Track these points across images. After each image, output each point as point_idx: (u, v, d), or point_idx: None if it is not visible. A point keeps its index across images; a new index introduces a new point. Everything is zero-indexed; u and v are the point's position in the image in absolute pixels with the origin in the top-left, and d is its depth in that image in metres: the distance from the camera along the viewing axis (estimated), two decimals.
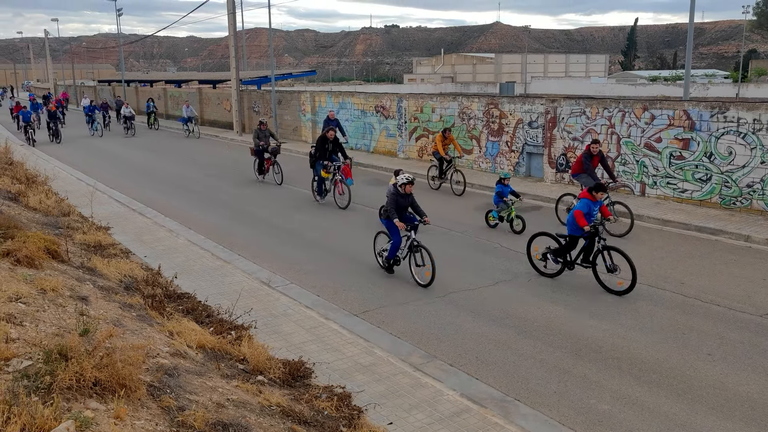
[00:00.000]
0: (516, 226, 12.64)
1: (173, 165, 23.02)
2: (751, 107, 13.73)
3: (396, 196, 9.75)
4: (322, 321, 8.20)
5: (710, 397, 6.40)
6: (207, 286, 9.32)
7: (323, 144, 15.55)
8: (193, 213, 14.96)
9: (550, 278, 9.89)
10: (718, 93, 43.28)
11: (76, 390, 3.86)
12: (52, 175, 17.51)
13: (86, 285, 7.03)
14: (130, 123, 33.04)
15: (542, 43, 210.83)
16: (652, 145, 15.35)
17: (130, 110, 33.76)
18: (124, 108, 34.09)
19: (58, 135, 29.97)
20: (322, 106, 27.44)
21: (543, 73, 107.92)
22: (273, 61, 32.04)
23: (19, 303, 5.37)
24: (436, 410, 6.04)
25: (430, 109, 21.79)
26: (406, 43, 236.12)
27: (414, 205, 9.92)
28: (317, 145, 15.61)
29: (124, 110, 33.77)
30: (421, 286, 9.54)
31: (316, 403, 5.61)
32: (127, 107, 34.20)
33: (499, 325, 8.22)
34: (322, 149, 15.53)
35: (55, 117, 30.13)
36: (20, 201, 12.42)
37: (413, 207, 9.92)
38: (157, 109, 38.69)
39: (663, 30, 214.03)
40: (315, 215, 14.73)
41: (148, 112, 36.88)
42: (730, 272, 10.14)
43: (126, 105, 35.01)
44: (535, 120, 18.19)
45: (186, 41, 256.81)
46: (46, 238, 8.00)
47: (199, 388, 4.85)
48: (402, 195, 9.75)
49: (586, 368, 7.03)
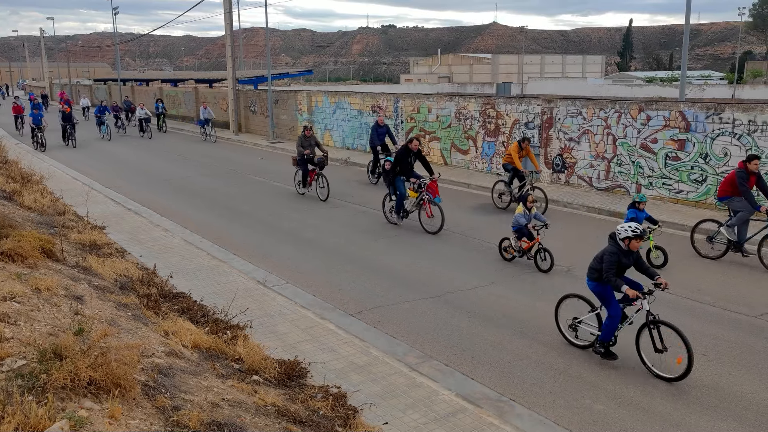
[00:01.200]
0: (655, 259, 10.27)
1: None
2: (747, 108, 13.78)
3: (618, 255, 6.97)
4: (317, 321, 8.19)
5: (705, 398, 6.42)
6: (202, 286, 9.31)
7: (405, 157, 13.30)
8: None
9: (552, 280, 9.90)
10: (713, 94, 43.41)
11: (71, 389, 3.85)
12: (47, 174, 17.45)
13: (81, 284, 7.01)
14: (145, 125, 31.54)
15: (539, 44, 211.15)
16: (648, 146, 15.39)
17: (145, 112, 32.08)
18: (139, 109, 32.52)
19: (73, 139, 28.00)
20: (319, 106, 27.43)
21: (539, 73, 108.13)
22: (269, 60, 32.00)
23: (13, 302, 5.36)
24: (432, 410, 6.04)
25: (426, 109, 21.80)
26: (402, 43, 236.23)
27: (639, 262, 7.14)
28: (397, 159, 13.39)
29: (139, 112, 32.22)
30: (662, 379, 6.74)
31: (312, 403, 5.60)
32: (142, 108, 32.57)
33: (494, 325, 8.23)
34: (404, 164, 13.31)
35: (70, 119, 28.01)
36: (15, 200, 12.38)
37: (638, 265, 7.13)
38: (167, 111, 36.88)
39: (659, 31, 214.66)
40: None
41: (158, 113, 34.69)
42: (725, 273, 10.17)
43: (141, 106, 33.24)
44: (531, 120, 18.21)
45: (182, 40, 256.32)
46: (41, 238, 7.97)
47: (194, 388, 4.84)
48: (626, 252, 7.02)
49: (582, 368, 7.05)
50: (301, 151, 16.30)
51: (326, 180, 15.95)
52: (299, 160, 16.55)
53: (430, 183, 13.09)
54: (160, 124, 34.65)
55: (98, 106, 32.86)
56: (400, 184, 13.24)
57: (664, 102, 16.23)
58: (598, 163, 16.50)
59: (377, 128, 18.38)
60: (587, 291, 7.46)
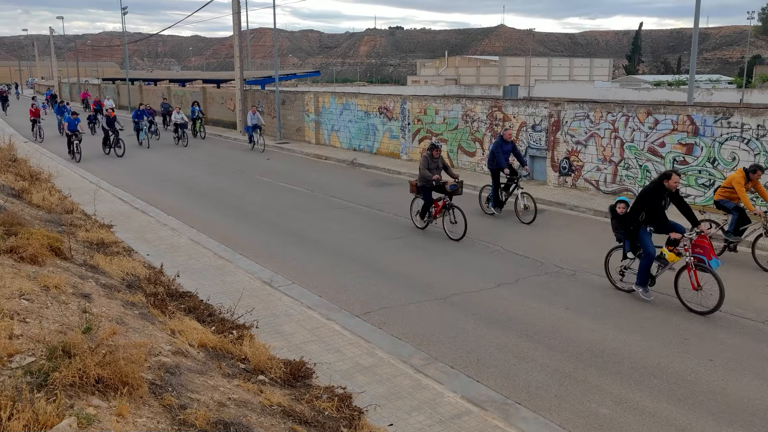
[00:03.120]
0: None
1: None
2: (756, 113, 13.73)
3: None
4: (323, 321, 8.21)
5: (711, 403, 6.40)
6: (209, 285, 9.34)
7: (659, 198, 8.80)
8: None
9: (557, 283, 9.89)
10: (722, 98, 43.20)
11: (79, 387, 3.87)
12: (55, 173, 17.55)
13: (89, 282, 7.05)
14: (182, 131, 28.54)
15: (546, 47, 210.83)
16: (655, 150, 15.34)
17: (182, 116, 29.08)
18: (176, 113, 29.51)
19: (118, 147, 24.52)
20: (326, 107, 27.48)
21: (547, 76, 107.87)
22: (277, 61, 32.10)
23: (22, 300, 5.39)
24: (437, 412, 6.04)
25: (433, 111, 21.81)
26: (409, 44, 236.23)
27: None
28: (646, 200, 8.84)
29: (176, 116, 29.28)
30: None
31: (317, 403, 5.61)
32: (178, 113, 29.42)
33: (500, 327, 8.23)
34: (656, 208, 8.80)
35: (113, 124, 24.79)
36: (24, 198, 12.46)
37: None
38: (204, 115, 33.67)
39: (667, 35, 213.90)
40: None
41: (194, 117, 31.36)
42: (731, 278, 10.12)
43: (177, 110, 30.02)
44: (538, 123, 18.19)
45: (190, 40, 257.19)
46: (50, 236, 8.02)
47: (200, 387, 4.86)
48: None
49: (587, 372, 7.04)
50: (427, 176, 12.44)
51: (462, 213, 12.29)
52: (422, 187, 12.76)
53: (698, 239, 8.63)
54: (197, 129, 31.52)
55: (135, 109, 29.58)
56: (647, 238, 8.97)
57: (672, 106, 16.19)
58: (605, 166, 16.46)
59: (502, 145, 14.29)
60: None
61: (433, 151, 12.74)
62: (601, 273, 9.94)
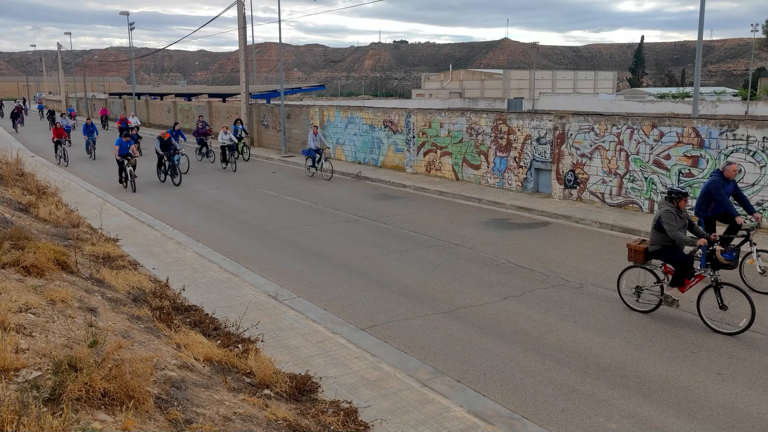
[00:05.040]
0: None
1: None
2: (761, 125, 13.71)
3: None
4: (329, 335, 8.18)
5: (720, 417, 6.34)
6: (214, 299, 9.34)
7: None
8: None
9: (564, 296, 9.85)
10: (726, 110, 43.20)
11: (85, 401, 3.87)
12: (62, 187, 17.65)
13: (95, 296, 7.06)
14: (231, 155, 24.62)
15: (550, 60, 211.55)
16: (660, 162, 15.32)
17: (230, 137, 25.01)
18: (222, 134, 25.06)
19: (177, 174, 20.99)
20: (331, 121, 27.59)
21: (551, 89, 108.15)
22: (282, 75, 32.29)
23: (28, 313, 5.40)
24: (443, 427, 6.00)
25: (438, 124, 21.87)
26: (414, 58, 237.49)
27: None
28: None
29: (222, 137, 24.91)
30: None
31: (323, 417, 5.59)
32: (226, 133, 25.08)
33: (506, 341, 8.18)
34: None
35: (169, 147, 21.08)
36: (30, 212, 12.53)
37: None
38: (248, 134, 29.48)
39: (671, 47, 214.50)
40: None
41: (238, 137, 26.80)
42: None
43: (225, 130, 25.30)
44: (543, 136, 18.21)
45: (196, 55, 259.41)
46: (56, 249, 8.05)
47: (206, 401, 4.84)
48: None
49: (595, 386, 6.98)
50: (687, 240, 8.56)
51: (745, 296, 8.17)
52: (667, 249, 8.71)
53: None
54: (241, 151, 27.22)
55: (170, 129, 24.58)
56: None
57: (677, 118, 16.18)
58: (610, 179, 16.45)
59: (723, 182, 10.14)
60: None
61: (679, 202, 8.77)
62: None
